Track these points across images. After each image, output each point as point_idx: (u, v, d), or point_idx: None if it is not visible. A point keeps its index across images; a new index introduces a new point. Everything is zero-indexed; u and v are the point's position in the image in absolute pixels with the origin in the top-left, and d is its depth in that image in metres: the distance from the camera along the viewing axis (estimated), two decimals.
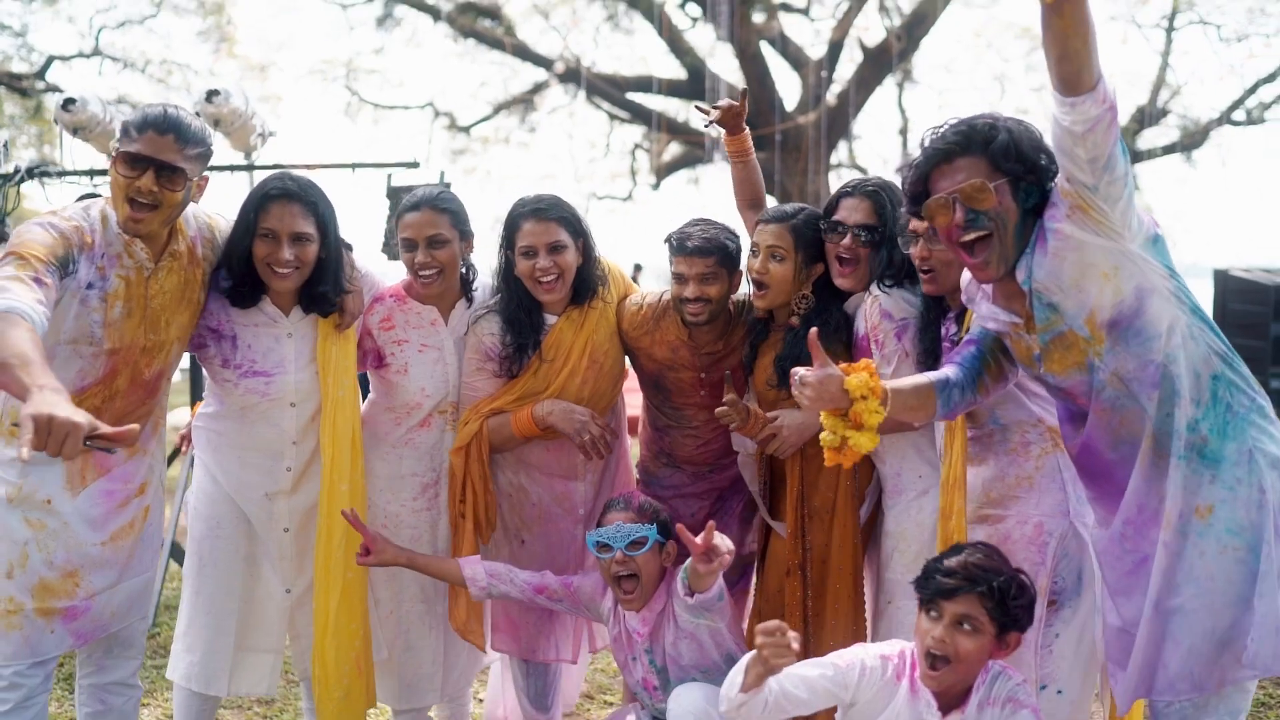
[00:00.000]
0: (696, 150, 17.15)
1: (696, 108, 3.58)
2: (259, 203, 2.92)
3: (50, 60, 19.10)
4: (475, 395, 3.30)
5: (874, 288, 3.06)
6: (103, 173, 5.50)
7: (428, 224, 3.16)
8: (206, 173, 2.80)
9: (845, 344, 3.13)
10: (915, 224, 2.80)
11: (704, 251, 3.16)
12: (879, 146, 29.20)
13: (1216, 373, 2.38)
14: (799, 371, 2.44)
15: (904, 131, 18.85)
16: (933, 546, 2.98)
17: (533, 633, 3.42)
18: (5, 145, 5.30)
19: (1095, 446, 2.48)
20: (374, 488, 3.27)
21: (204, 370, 3.18)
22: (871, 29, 15.98)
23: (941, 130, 2.44)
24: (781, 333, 3.20)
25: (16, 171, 5.12)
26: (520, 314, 3.22)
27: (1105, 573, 2.56)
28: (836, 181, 16.05)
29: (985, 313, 2.60)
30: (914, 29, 15.51)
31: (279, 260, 2.89)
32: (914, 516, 3.08)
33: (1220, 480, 2.36)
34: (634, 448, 3.75)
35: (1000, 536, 2.82)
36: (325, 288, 3.01)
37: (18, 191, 5.16)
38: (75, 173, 5.22)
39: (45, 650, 2.75)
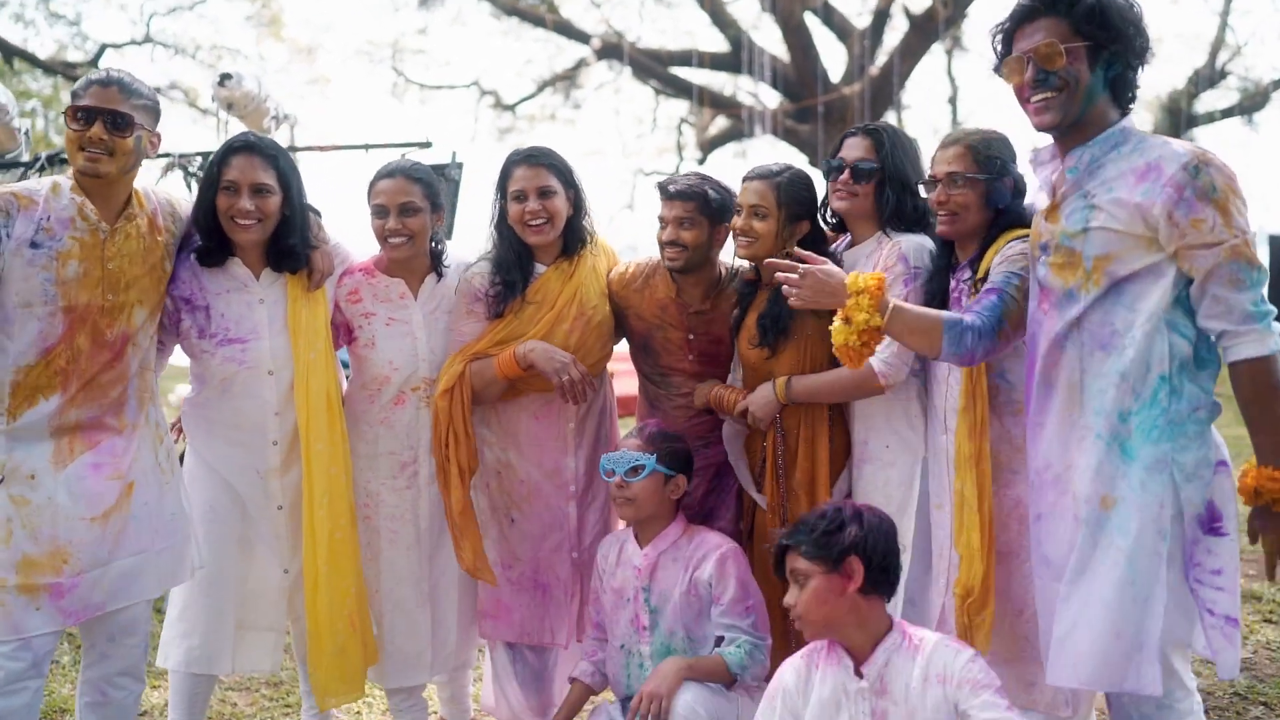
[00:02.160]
0: (741, 124, 17.00)
1: None
2: (221, 156, 3.02)
3: (103, 48, 19.40)
4: (462, 340, 3.31)
5: (889, 232, 3.09)
6: None
7: (400, 191, 3.22)
8: (159, 130, 2.87)
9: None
10: (936, 168, 2.88)
11: (684, 195, 3.23)
12: (930, 115, 28.71)
13: (1165, 373, 2.38)
14: (802, 268, 2.62)
15: (953, 100, 18.56)
16: (904, 519, 2.95)
17: (526, 615, 3.40)
18: (26, 133, 5.38)
19: (1031, 377, 2.59)
20: (355, 466, 3.28)
21: (184, 351, 3.19)
22: None
23: None
24: (767, 293, 3.19)
25: (37, 159, 5.19)
26: (510, 257, 3.29)
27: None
28: None
29: (1039, 179, 2.64)
30: None
31: (240, 210, 2.96)
32: (880, 487, 3.06)
33: (1128, 479, 2.39)
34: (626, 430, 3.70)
35: (1011, 500, 2.82)
36: (292, 241, 3.07)
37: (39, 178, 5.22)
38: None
39: (31, 627, 2.70)
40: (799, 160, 15.33)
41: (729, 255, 3.34)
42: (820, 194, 3.27)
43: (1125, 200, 2.37)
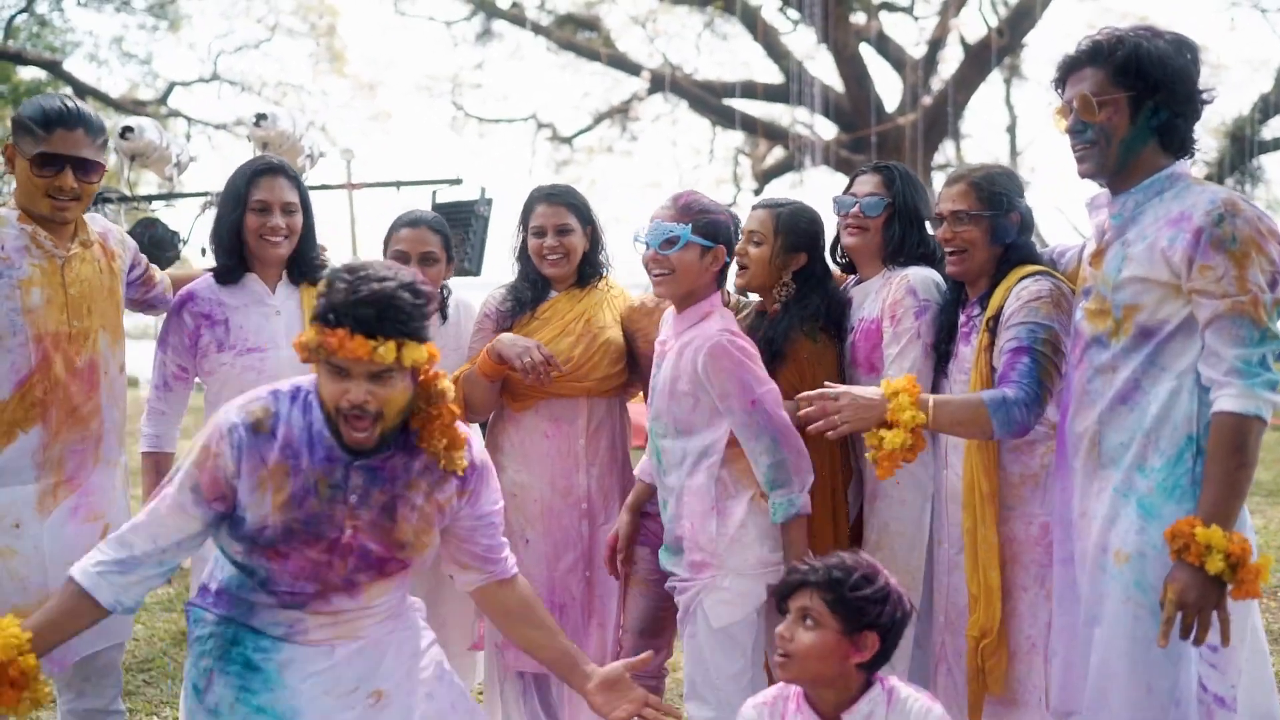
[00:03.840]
0: (797, 154, 16.99)
1: None
2: (249, 178, 3.14)
3: (172, 86, 20.01)
4: (471, 355, 3.38)
5: (894, 269, 3.07)
6: (161, 197, 5.71)
7: (421, 241, 3.36)
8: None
9: (829, 333, 3.12)
10: (942, 206, 2.86)
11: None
12: (988, 145, 28.46)
13: (1193, 434, 2.33)
14: (835, 390, 2.62)
15: (1012, 129, 18.37)
16: (912, 564, 2.90)
17: None
18: (174, 164, 5.51)
19: (1064, 418, 2.56)
20: None
21: (201, 380, 3.25)
22: (973, 25, 15.60)
23: (1082, 39, 2.50)
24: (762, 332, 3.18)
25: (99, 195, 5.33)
26: (525, 284, 3.41)
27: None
28: (939, 180, 15.73)
29: (1092, 224, 2.62)
30: (1018, 24, 15.09)
31: (273, 228, 3.11)
32: (891, 525, 2.98)
33: (1147, 536, 2.32)
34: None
35: (1005, 538, 2.76)
36: (312, 254, 3.25)
37: (103, 213, 5.37)
38: (136, 197, 5.41)
39: None
40: None
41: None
42: (831, 234, 3.26)
43: (1155, 246, 2.34)
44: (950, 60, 15.72)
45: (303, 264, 3.24)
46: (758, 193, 18.64)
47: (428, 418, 2.30)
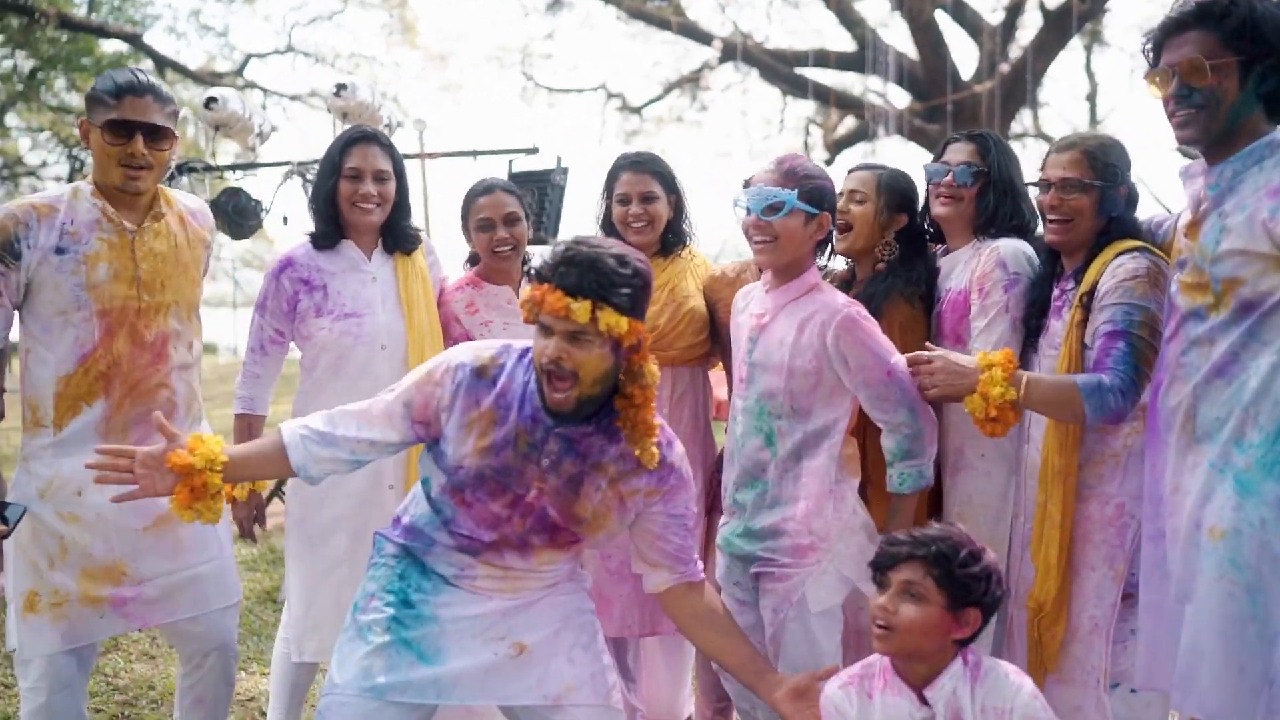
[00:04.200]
0: (869, 124, 16.76)
1: None
2: (343, 147, 3.22)
3: (248, 58, 20.29)
4: None
5: (984, 239, 3.03)
6: (243, 166, 5.80)
7: (501, 204, 3.41)
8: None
9: (924, 300, 3.10)
10: (1050, 172, 2.80)
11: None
12: (1068, 113, 27.80)
13: None
14: (931, 355, 2.60)
15: (1092, 97, 17.94)
16: (998, 529, 2.88)
17: (626, 606, 3.34)
18: (256, 134, 5.61)
19: (1156, 394, 2.48)
20: None
21: (297, 346, 3.31)
22: None
23: (1183, 1, 2.38)
24: (860, 289, 3.16)
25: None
26: None
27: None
28: (1019, 152, 15.40)
29: (1187, 194, 2.52)
30: None
31: (364, 195, 3.17)
32: (975, 498, 2.96)
33: (1243, 513, 2.26)
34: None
35: (1080, 516, 2.72)
36: (404, 223, 3.31)
37: (169, 185, 5.47)
38: (220, 167, 5.50)
39: (94, 634, 2.76)
40: (928, 160, 15.01)
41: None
42: (922, 198, 3.23)
43: (1254, 218, 2.25)
44: (1029, 26, 15.35)
45: (396, 232, 3.29)
46: (829, 163, 18.44)
47: (628, 398, 2.37)
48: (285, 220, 3.23)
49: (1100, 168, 2.76)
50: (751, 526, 2.81)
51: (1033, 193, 2.99)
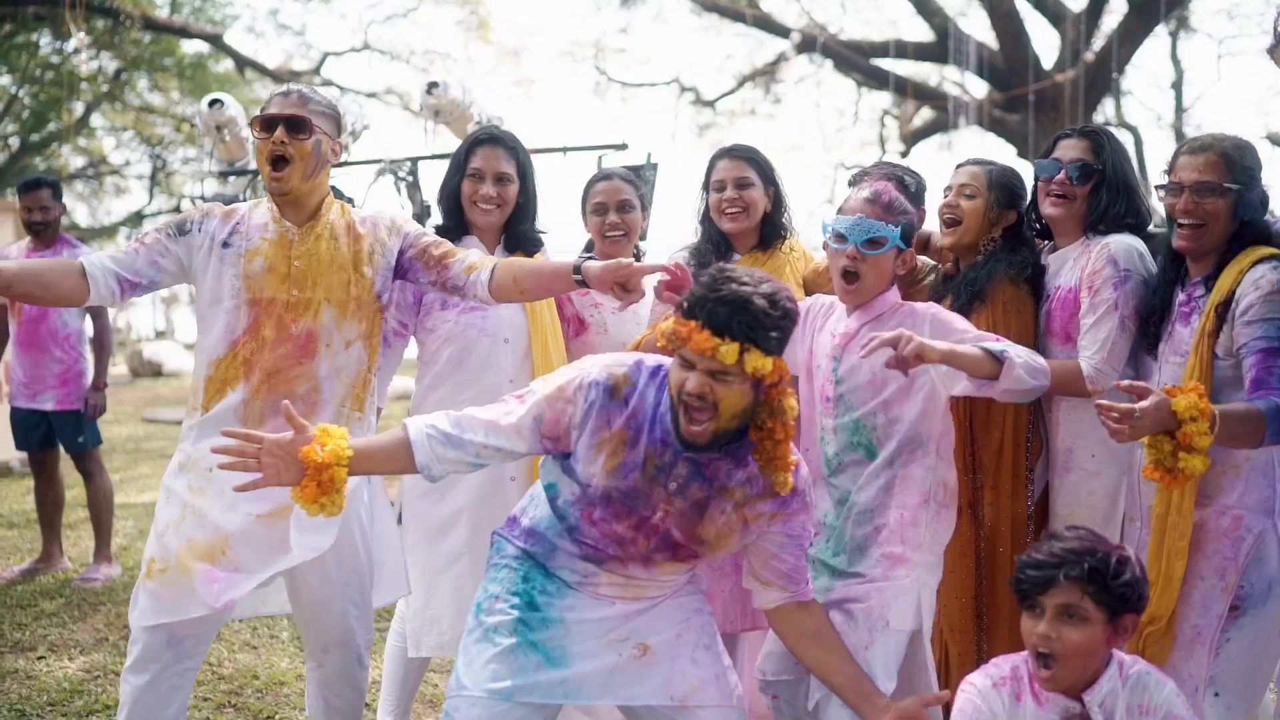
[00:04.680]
0: (946, 115, 16.51)
1: None
2: (469, 146, 3.35)
3: (325, 56, 20.57)
4: (653, 320, 3.41)
5: (1094, 236, 2.98)
6: (338, 164, 5.87)
7: (617, 190, 3.51)
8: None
9: (1031, 284, 3.07)
10: (1183, 175, 2.70)
11: (883, 180, 3.26)
12: (1152, 101, 27.17)
13: None
14: (1141, 407, 2.32)
15: (1177, 85, 17.50)
16: (1107, 531, 2.82)
17: (728, 600, 3.23)
18: (251, 141, 5.73)
19: None
20: None
21: (416, 340, 3.33)
22: None
23: None
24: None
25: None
26: (708, 246, 3.44)
27: None
28: None
29: None
30: None
31: (483, 196, 3.27)
32: (1084, 499, 2.92)
33: None
34: None
35: (1195, 525, 2.65)
36: (525, 226, 3.37)
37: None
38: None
39: (179, 609, 2.74)
40: (1008, 151, 14.79)
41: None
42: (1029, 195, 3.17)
43: None
44: (1114, 13, 15.00)
45: (517, 235, 3.35)
46: (904, 155, 18.22)
47: (767, 432, 2.35)
48: (355, 208, 3.28)
49: (1238, 170, 2.67)
50: (831, 541, 2.79)
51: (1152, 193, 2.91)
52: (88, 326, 5.73)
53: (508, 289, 2.88)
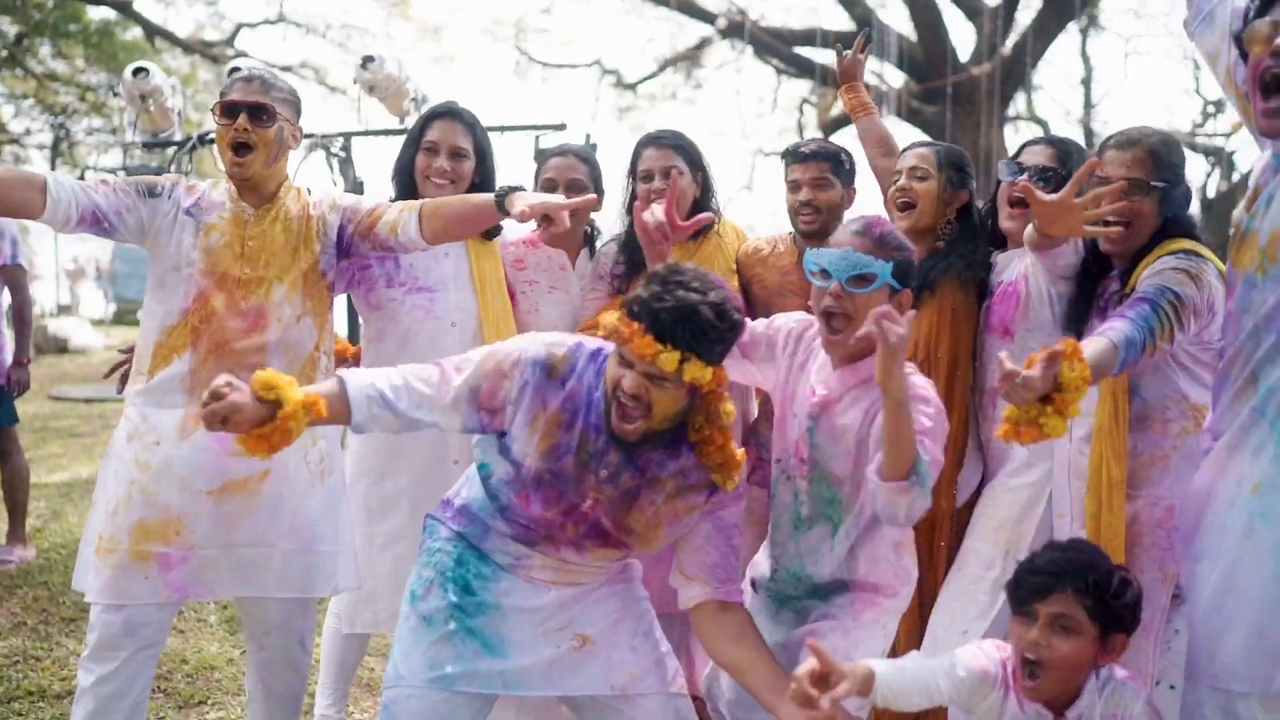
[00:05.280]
0: None
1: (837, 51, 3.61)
2: (426, 119, 3.27)
3: (239, 27, 20.06)
4: (585, 316, 3.36)
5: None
6: None
7: (569, 168, 3.39)
8: (301, 124, 3.01)
9: (978, 288, 3.07)
10: (1110, 171, 2.63)
11: (818, 156, 3.31)
12: (1061, 97, 27.82)
13: None
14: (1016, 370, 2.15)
15: (1087, 81, 17.96)
16: (1023, 525, 2.85)
17: (663, 582, 3.35)
18: (179, 114, 5.59)
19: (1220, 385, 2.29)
20: None
21: (361, 317, 3.29)
22: None
23: None
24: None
25: (189, 139, 5.39)
26: (636, 237, 3.28)
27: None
28: (1012, 135, 15.46)
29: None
30: None
31: (437, 170, 3.18)
32: (1009, 487, 2.93)
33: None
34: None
35: (1128, 518, 2.68)
36: None
37: (190, 159, 5.43)
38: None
39: (133, 595, 2.72)
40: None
41: None
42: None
43: None
44: (1028, 8, 15.33)
45: None
46: None
47: (705, 438, 2.33)
48: (309, 193, 3.20)
49: (1164, 167, 2.63)
50: (799, 576, 2.60)
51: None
52: (4, 298, 5.52)
53: (438, 230, 2.87)
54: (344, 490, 3.05)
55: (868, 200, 3.47)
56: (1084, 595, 2.22)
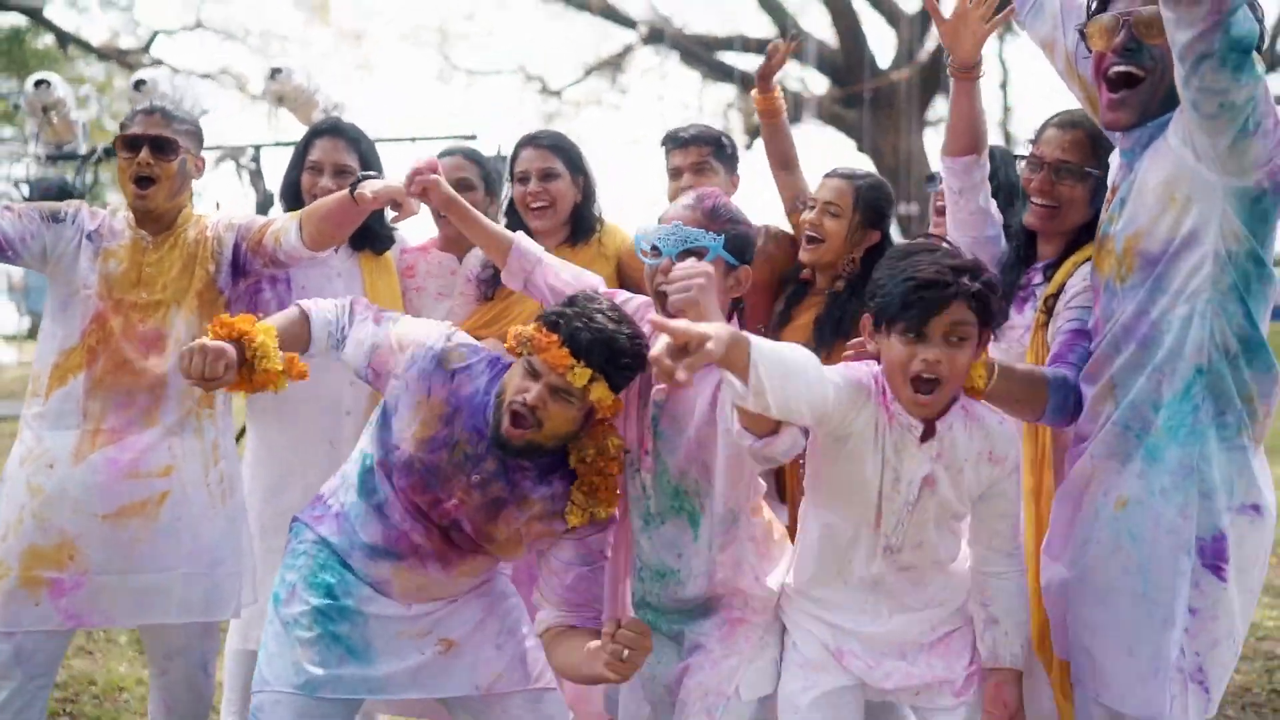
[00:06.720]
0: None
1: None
2: (308, 138, 3.21)
3: (155, 34, 19.69)
4: (456, 320, 3.29)
5: None
6: None
7: (456, 168, 3.28)
8: (204, 153, 3.02)
9: None
10: (1045, 150, 2.55)
11: (698, 140, 3.25)
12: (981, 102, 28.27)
13: (1203, 366, 2.11)
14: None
15: (1004, 85, 18.31)
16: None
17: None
18: (84, 126, 5.49)
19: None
20: None
21: None
22: None
23: None
24: (821, 296, 3.05)
25: (94, 151, 5.29)
26: None
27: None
28: (932, 137, 15.71)
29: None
30: None
31: (322, 189, 3.07)
32: None
33: (1146, 481, 2.17)
34: None
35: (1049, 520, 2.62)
36: (372, 222, 3.12)
37: (95, 172, 5.34)
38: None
39: (24, 621, 2.68)
40: (848, 145, 15.23)
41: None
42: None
43: (1162, 150, 2.10)
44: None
45: (364, 230, 3.12)
46: (748, 148, 18.53)
47: (589, 468, 2.36)
48: (218, 206, 3.18)
49: (1102, 154, 2.50)
50: (667, 601, 2.48)
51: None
52: None
53: (314, 233, 2.86)
54: (244, 510, 3.02)
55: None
56: (972, 299, 2.09)
